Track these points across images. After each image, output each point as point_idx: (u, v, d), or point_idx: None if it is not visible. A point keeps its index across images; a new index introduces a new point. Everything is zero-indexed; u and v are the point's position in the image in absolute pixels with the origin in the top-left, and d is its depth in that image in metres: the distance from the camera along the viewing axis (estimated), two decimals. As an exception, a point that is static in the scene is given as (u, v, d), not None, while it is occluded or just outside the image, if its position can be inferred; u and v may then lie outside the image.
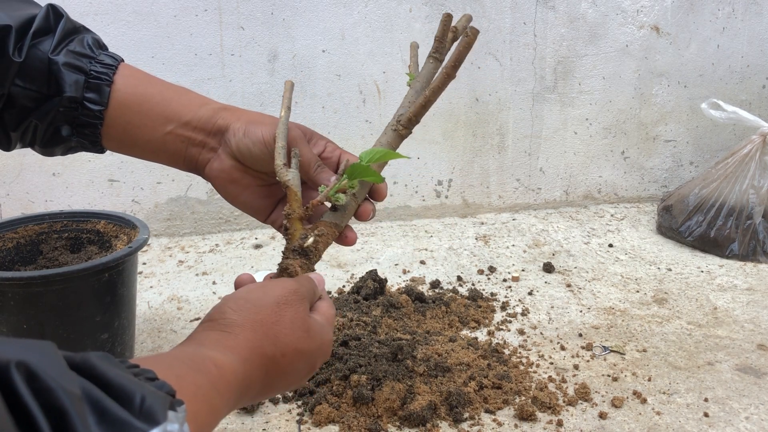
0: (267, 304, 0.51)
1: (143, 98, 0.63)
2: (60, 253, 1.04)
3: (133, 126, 0.63)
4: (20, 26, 0.60)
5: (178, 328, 1.12)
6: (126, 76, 0.64)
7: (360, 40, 1.54)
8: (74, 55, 0.62)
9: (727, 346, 1.07)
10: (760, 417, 0.88)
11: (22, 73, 0.60)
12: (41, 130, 0.63)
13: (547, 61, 1.67)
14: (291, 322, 0.51)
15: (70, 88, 0.61)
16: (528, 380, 0.95)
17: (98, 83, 0.62)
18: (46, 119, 0.62)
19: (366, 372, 0.90)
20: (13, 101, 0.61)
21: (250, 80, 1.51)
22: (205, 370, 0.42)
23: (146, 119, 0.63)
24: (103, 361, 0.30)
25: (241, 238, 1.54)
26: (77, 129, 0.64)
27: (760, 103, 1.84)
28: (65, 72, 0.61)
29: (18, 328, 0.87)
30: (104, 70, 0.63)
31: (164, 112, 0.64)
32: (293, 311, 0.52)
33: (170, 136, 0.64)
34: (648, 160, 1.82)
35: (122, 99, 0.63)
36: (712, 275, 1.35)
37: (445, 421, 0.85)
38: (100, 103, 0.62)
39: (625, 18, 1.68)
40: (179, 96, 0.65)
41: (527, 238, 1.56)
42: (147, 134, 0.64)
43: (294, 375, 0.52)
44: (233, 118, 0.65)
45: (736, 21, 1.75)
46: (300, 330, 0.51)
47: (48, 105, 0.61)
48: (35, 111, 0.62)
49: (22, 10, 0.61)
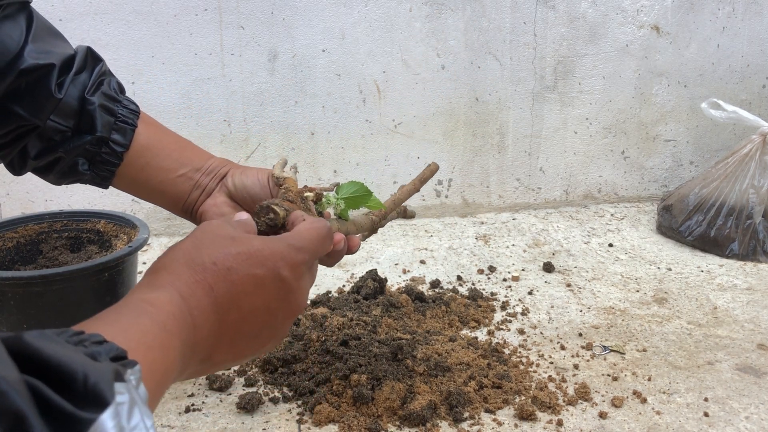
0: (186, 240, 0.48)
1: (162, 144, 0.70)
2: (60, 253, 1.04)
3: (150, 167, 0.69)
4: (62, 65, 0.65)
5: (178, 327, 1.12)
6: (147, 123, 0.70)
7: (360, 39, 1.54)
8: (106, 98, 0.67)
9: (727, 345, 1.07)
10: (760, 417, 0.88)
11: (59, 109, 0.65)
12: (63, 163, 0.68)
13: (547, 61, 1.67)
14: (212, 238, 0.47)
15: (102, 129, 0.66)
16: (528, 380, 0.95)
17: (124, 126, 0.68)
18: (72, 153, 0.67)
19: (366, 372, 0.90)
20: (43, 133, 0.65)
21: (250, 80, 1.51)
22: (143, 311, 0.39)
23: (163, 162, 0.70)
24: (38, 339, 0.27)
25: (241, 238, 1.53)
26: (95, 165, 0.68)
27: (760, 103, 1.84)
28: (99, 113, 0.66)
29: (18, 328, 0.87)
30: (130, 115, 0.68)
31: (180, 158, 0.70)
32: (213, 230, 0.48)
33: (182, 179, 0.70)
34: (648, 159, 1.82)
35: (144, 143, 0.69)
36: (712, 275, 1.36)
37: (445, 421, 0.85)
38: (123, 144, 0.68)
39: (625, 18, 1.68)
40: (191, 146, 0.73)
41: (527, 237, 1.56)
42: (161, 175, 0.70)
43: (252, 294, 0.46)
44: (233, 167, 0.72)
45: (737, 20, 1.75)
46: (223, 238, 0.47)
47: (77, 140, 0.66)
48: (62, 145, 0.66)
49: (60, 48, 0.66)
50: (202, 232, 0.49)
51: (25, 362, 0.25)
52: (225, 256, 0.46)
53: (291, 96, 1.53)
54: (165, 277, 0.44)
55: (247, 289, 0.46)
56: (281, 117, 1.54)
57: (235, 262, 0.46)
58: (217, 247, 0.46)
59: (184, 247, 0.47)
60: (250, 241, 0.48)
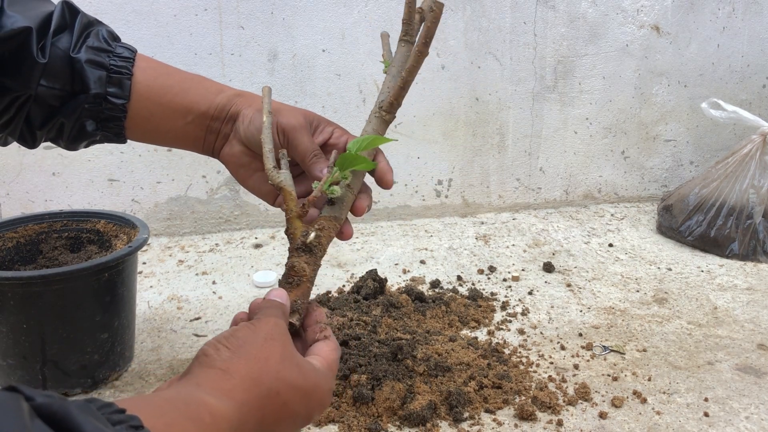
0: (258, 341, 0.49)
1: (163, 90, 0.65)
2: (60, 253, 1.04)
3: (155, 117, 0.65)
4: (39, 26, 0.60)
5: (177, 327, 1.12)
6: (144, 69, 0.65)
7: (360, 39, 1.54)
8: (94, 51, 0.63)
9: (727, 345, 1.07)
10: (760, 417, 0.88)
11: (46, 73, 0.61)
12: (68, 127, 0.64)
13: (547, 61, 1.67)
14: (281, 357, 0.49)
15: (95, 85, 0.62)
16: (528, 380, 0.95)
17: (119, 77, 0.63)
18: (72, 116, 0.63)
19: (366, 371, 0.90)
20: (39, 101, 0.62)
21: (249, 80, 1.51)
22: (198, 418, 0.41)
23: (167, 110, 0.65)
24: (81, 412, 0.28)
25: (241, 238, 1.54)
26: (102, 123, 0.65)
27: (760, 103, 1.84)
28: (88, 69, 0.62)
29: (18, 328, 0.87)
30: (123, 63, 0.63)
31: (183, 103, 0.65)
32: (281, 345, 0.50)
33: (191, 126, 0.66)
34: (648, 159, 1.82)
35: (143, 92, 0.64)
36: (712, 275, 1.35)
37: (445, 421, 0.85)
38: (122, 96, 0.63)
39: (625, 17, 1.68)
40: (197, 85, 0.66)
41: (527, 237, 1.56)
42: (168, 124, 0.65)
43: (288, 417, 0.49)
44: (244, 105, 0.66)
45: (737, 20, 1.75)
46: (291, 364, 0.50)
47: (74, 102, 0.62)
48: (61, 109, 0.63)
49: (36, 9, 0.62)
50: (271, 342, 0.49)
51: None
52: (287, 389, 0.48)
53: (291, 96, 1.53)
54: (231, 383, 0.45)
55: (292, 415, 0.49)
56: (281, 117, 1.54)
57: (293, 398, 0.49)
58: (284, 374, 0.48)
59: (255, 353, 0.48)
60: (309, 376, 0.50)
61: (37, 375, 0.89)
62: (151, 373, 0.98)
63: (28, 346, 0.88)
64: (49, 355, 0.88)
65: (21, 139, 0.66)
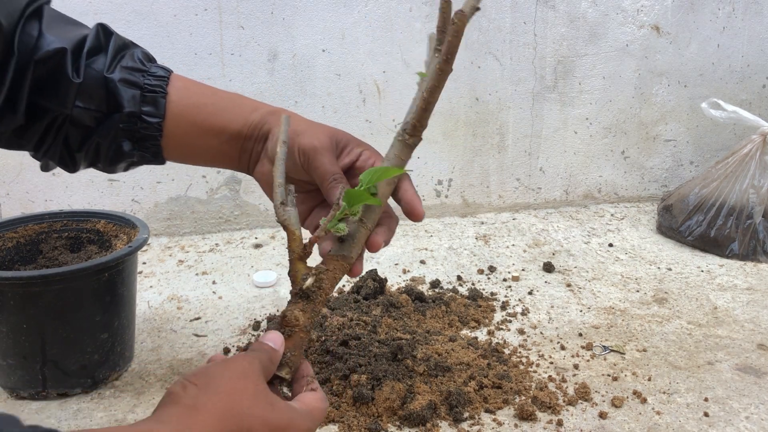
0: (228, 377, 0.47)
1: (197, 109, 0.64)
2: (60, 253, 1.04)
3: (190, 136, 0.64)
4: (74, 48, 0.61)
5: (177, 327, 1.12)
6: (179, 88, 0.64)
7: (360, 39, 1.54)
8: (128, 71, 0.63)
9: (727, 345, 1.07)
10: (760, 417, 0.88)
11: (81, 93, 0.62)
12: (104, 148, 0.64)
13: (547, 61, 1.67)
14: (254, 392, 0.47)
15: (129, 104, 0.62)
16: (528, 380, 0.95)
17: (154, 96, 0.63)
18: (108, 136, 0.63)
19: (366, 372, 0.90)
20: (76, 122, 0.63)
21: (249, 80, 1.51)
22: None
23: (202, 130, 0.64)
24: None
25: (241, 238, 1.54)
26: (138, 143, 0.65)
27: (760, 103, 1.84)
28: (122, 88, 0.62)
29: (18, 328, 0.87)
30: (157, 82, 0.63)
31: (218, 122, 0.64)
32: (253, 383, 0.48)
33: (226, 145, 0.65)
34: (648, 159, 1.82)
35: (178, 111, 0.64)
36: (712, 275, 1.35)
37: (445, 421, 0.85)
38: (157, 115, 0.63)
39: (626, 17, 1.68)
40: (232, 104, 0.66)
41: (527, 237, 1.56)
42: (204, 144, 0.65)
43: None
44: (277, 122, 0.64)
45: (737, 20, 1.75)
46: (263, 401, 0.47)
47: (109, 122, 0.63)
48: (97, 129, 0.63)
49: (72, 32, 0.62)
50: (242, 379, 0.47)
51: None
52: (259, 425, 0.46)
53: (291, 96, 1.53)
54: (196, 419, 0.43)
55: None
56: (281, 117, 1.54)
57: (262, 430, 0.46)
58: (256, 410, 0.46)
59: (225, 388, 0.46)
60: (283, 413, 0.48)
61: (37, 375, 0.89)
62: (151, 373, 0.98)
63: (28, 346, 0.88)
64: (49, 355, 0.88)
65: (62, 163, 0.67)
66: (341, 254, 0.57)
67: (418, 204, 0.61)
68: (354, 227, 0.58)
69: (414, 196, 0.62)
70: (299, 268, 0.56)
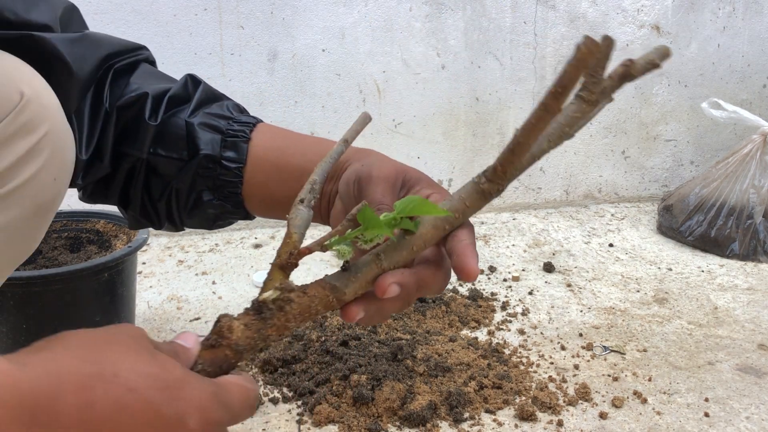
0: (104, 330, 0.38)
1: (280, 152, 0.60)
2: (59, 253, 1.04)
3: (272, 182, 0.59)
4: (157, 93, 0.60)
5: (177, 327, 1.12)
6: (263, 132, 0.61)
7: (360, 39, 1.53)
8: (211, 117, 0.60)
9: (728, 345, 1.07)
10: (760, 417, 0.88)
11: (161, 140, 0.59)
12: (183, 196, 0.61)
13: (547, 61, 1.67)
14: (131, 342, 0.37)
15: (206, 146, 0.59)
16: (528, 380, 0.95)
17: (235, 140, 0.59)
18: (185, 182, 0.60)
19: (366, 372, 0.90)
20: (155, 169, 0.60)
21: (249, 80, 1.50)
22: None
23: (283, 174, 0.59)
24: None
25: (241, 238, 1.53)
26: (218, 191, 0.60)
27: (760, 103, 1.84)
28: (200, 131, 0.59)
29: (17, 328, 0.86)
30: (241, 128, 0.60)
31: (301, 164, 0.58)
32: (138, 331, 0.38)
33: None
34: (648, 159, 1.82)
35: (259, 154, 0.59)
36: (712, 275, 1.35)
37: (446, 421, 0.85)
38: (238, 160, 0.59)
39: (626, 17, 1.68)
40: (317, 145, 0.60)
41: (527, 237, 1.56)
42: (286, 190, 0.58)
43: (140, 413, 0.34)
44: (356, 158, 0.56)
45: (737, 20, 1.75)
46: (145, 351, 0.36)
47: (188, 168, 0.59)
48: (177, 176, 0.60)
49: (161, 83, 0.61)
50: (118, 330, 0.37)
51: None
52: (132, 372, 0.34)
53: (291, 96, 1.53)
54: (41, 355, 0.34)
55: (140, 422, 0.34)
56: (281, 117, 1.54)
57: (143, 384, 0.34)
58: (130, 357, 0.35)
59: (89, 333, 0.36)
60: (174, 368, 0.37)
61: (37, 375, 0.89)
62: (151, 374, 0.98)
63: (28, 346, 0.87)
64: (48, 356, 0.88)
65: (144, 215, 0.63)
66: (333, 284, 0.44)
67: (471, 260, 0.44)
68: (366, 260, 0.45)
69: (469, 249, 0.45)
70: (274, 276, 0.45)
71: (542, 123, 0.39)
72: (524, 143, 0.42)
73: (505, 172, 0.45)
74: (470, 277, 0.45)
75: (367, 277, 0.44)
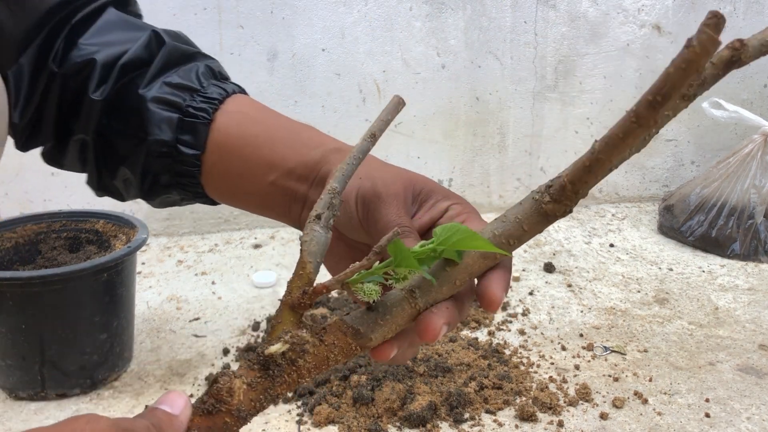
0: None
1: (246, 140, 0.50)
2: (59, 253, 1.04)
3: (232, 175, 0.50)
4: (107, 61, 0.50)
5: (177, 328, 1.11)
6: (230, 113, 0.50)
7: (360, 38, 1.53)
8: (171, 89, 0.50)
9: (729, 346, 1.06)
10: (761, 417, 0.88)
11: (113, 113, 0.51)
12: (137, 178, 0.52)
13: (547, 60, 1.66)
14: None
15: (158, 129, 0.49)
16: (529, 380, 0.94)
17: (193, 122, 0.50)
18: (137, 164, 0.51)
19: (366, 372, 0.90)
20: (112, 146, 0.52)
21: (249, 79, 1.50)
22: None
23: (248, 165, 0.49)
24: None
25: (241, 238, 1.53)
26: (176, 178, 0.52)
27: (761, 102, 1.84)
28: (153, 109, 0.50)
29: (16, 329, 0.86)
30: (205, 104, 0.50)
31: (268, 157, 0.49)
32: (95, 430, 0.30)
33: (273, 188, 0.49)
34: (649, 159, 1.81)
35: (221, 141, 0.50)
36: (713, 275, 1.35)
37: (446, 422, 0.85)
38: (195, 146, 0.50)
39: (626, 17, 1.68)
40: (291, 136, 0.50)
41: (528, 237, 1.56)
42: (248, 185, 0.50)
43: None
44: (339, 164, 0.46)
45: (738, 20, 1.75)
46: None
47: (138, 150, 0.50)
48: (129, 158, 0.51)
49: (120, 45, 0.51)
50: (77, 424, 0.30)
51: None
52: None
53: (291, 95, 1.53)
54: None
55: None
56: (281, 116, 1.54)
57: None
58: None
59: None
60: None
61: (36, 375, 0.89)
62: (150, 374, 0.97)
63: (27, 346, 0.87)
64: (47, 356, 0.88)
65: (103, 189, 0.56)
66: (353, 328, 0.36)
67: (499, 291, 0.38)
68: (397, 297, 0.37)
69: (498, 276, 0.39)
70: (284, 318, 0.37)
71: (631, 138, 0.32)
72: (605, 160, 0.34)
73: (576, 192, 0.36)
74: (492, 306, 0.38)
75: (398, 320, 0.37)
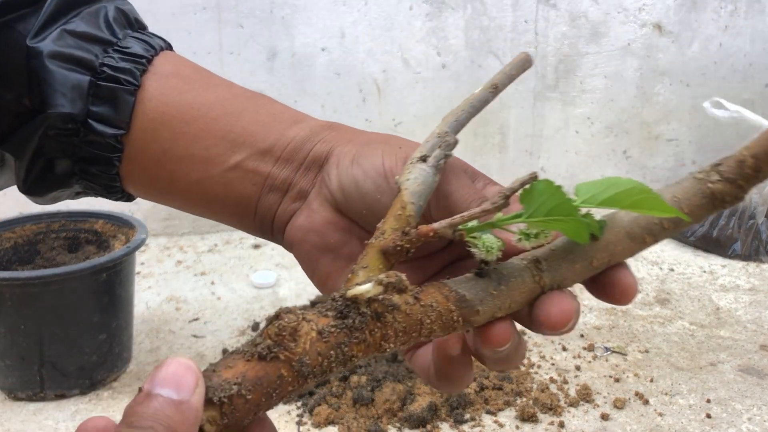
0: None
1: (193, 112, 0.36)
2: (58, 253, 1.04)
3: (172, 158, 0.36)
4: None
5: (176, 328, 1.11)
6: (164, 76, 0.36)
7: (360, 38, 1.53)
8: (74, 40, 0.34)
9: (730, 346, 1.06)
10: (762, 418, 0.87)
11: None
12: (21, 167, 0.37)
13: (548, 60, 1.66)
14: None
15: (63, 99, 0.34)
16: (529, 381, 0.94)
17: (113, 88, 0.35)
18: (21, 151, 0.36)
19: (366, 373, 0.90)
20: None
21: (249, 79, 1.50)
22: None
23: (196, 145, 0.36)
24: None
25: (240, 238, 1.53)
26: (80, 165, 0.37)
27: (762, 102, 1.84)
28: (52, 69, 0.34)
29: (16, 329, 0.86)
30: (128, 65, 0.35)
31: (229, 133, 0.36)
32: None
33: (236, 173, 0.36)
34: (650, 159, 1.81)
35: (155, 114, 0.36)
36: (714, 275, 1.35)
37: (446, 422, 0.85)
38: (116, 123, 0.35)
39: (627, 16, 1.67)
40: (256, 107, 0.37)
41: (528, 237, 1.56)
42: (196, 171, 0.36)
43: None
44: (340, 141, 0.38)
45: (739, 19, 1.74)
46: None
47: (28, 127, 0.35)
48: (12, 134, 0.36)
49: None
50: None
51: None
52: None
53: (290, 95, 1.53)
54: None
55: None
56: (281, 116, 1.54)
57: None
58: None
59: None
60: None
61: (35, 376, 0.88)
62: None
63: (26, 347, 0.87)
64: (47, 356, 0.88)
65: None
66: (458, 293, 0.28)
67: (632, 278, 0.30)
68: (517, 266, 0.29)
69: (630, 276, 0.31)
70: (371, 263, 0.29)
71: None
72: None
73: (758, 170, 0.28)
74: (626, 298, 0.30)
75: (515, 295, 0.29)
